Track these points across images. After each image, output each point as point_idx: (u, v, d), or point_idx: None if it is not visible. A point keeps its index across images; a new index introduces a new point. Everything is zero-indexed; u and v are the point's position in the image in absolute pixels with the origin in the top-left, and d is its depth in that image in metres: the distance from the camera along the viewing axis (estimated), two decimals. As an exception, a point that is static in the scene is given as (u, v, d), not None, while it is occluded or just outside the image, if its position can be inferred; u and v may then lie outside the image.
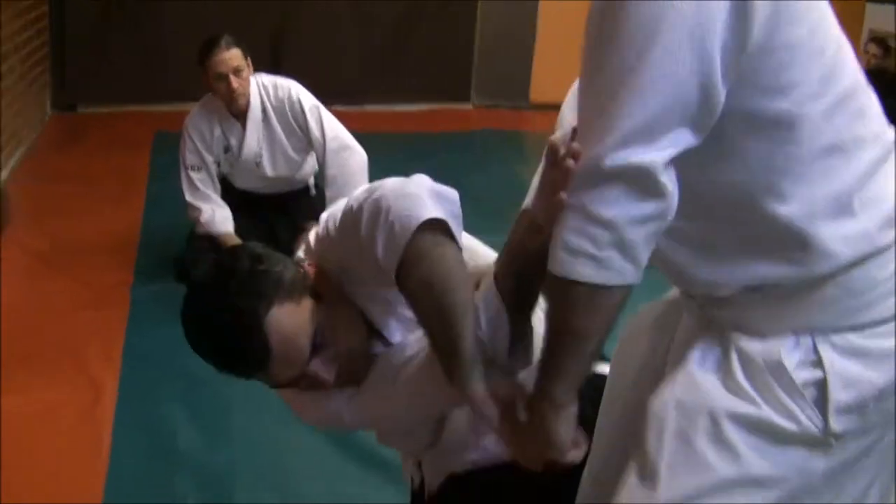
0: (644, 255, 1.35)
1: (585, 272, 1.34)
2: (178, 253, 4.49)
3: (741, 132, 1.35)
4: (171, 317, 2.06)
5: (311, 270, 1.79)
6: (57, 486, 3.00)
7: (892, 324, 1.43)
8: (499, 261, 1.69)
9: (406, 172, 1.71)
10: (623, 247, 1.32)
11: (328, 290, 1.78)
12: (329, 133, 4.29)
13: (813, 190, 1.36)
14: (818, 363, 1.42)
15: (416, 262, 1.59)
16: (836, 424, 1.42)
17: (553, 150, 1.43)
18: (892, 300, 1.42)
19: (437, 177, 1.68)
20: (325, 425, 2.09)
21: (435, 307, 1.61)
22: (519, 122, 7.42)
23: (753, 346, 1.46)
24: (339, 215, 1.73)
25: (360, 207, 1.65)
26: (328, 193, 4.30)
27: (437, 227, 1.60)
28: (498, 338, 1.63)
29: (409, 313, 1.72)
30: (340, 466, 3.15)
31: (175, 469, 3.12)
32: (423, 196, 1.61)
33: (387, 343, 1.84)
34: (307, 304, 1.73)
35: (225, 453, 3.21)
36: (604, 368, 2.07)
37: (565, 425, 1.52)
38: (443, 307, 1.59)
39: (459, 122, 7.25)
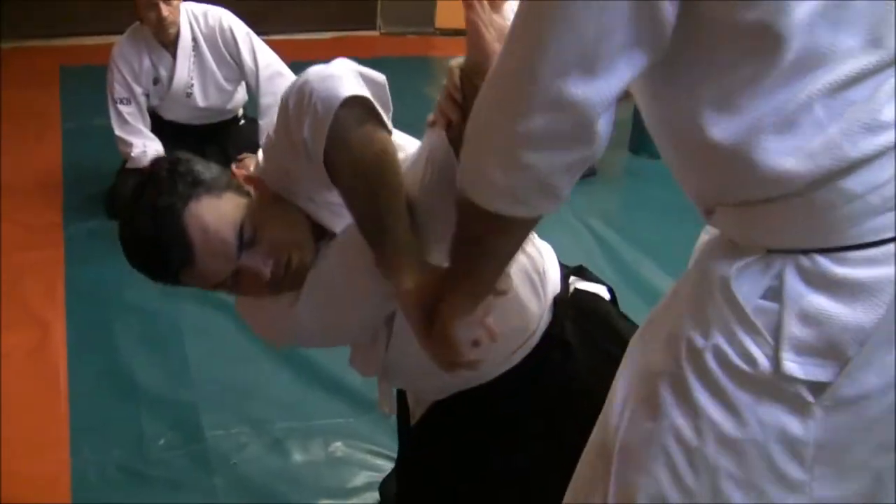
0: (565, 191, 1.27)
1: (499, 205, 1.29)
2: (106, 189, 4.36)
3: (700, 48, 1.19)
4: (110, 253, 2.03)
5: (240, 173, 1.82)
6: (21, 436, 2.92)
7: (885, 248, 1.20)
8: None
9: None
10: (542, 189, 1.26)
11: (261, 189, 1.79)
12: (262, 61, 4.21)
13: (766, 101, 1.17)
14: (779, 290, 1.24)
15: (341, 141, 1.59)
16: (791, 366, 1.23)
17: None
18: (882, 219, 1.19)
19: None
20: (282, 340, 2.05)
21: (362, 189, 1.63)
22: (426, 47, 7.36)
23: (715, 266, 1.30)
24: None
25: (287, 98, 1.64)
26: (262, 122, 4.23)
27: (361, 104, 1.59)
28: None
29: None
30: (308, 395, 3.14)
31: (140, 408, 3.07)
32: (346, 76, 1.60)
33: None
34: (231, 198, 1.75)
35: (188, 388, 3.17)
36: (587, 286, 2.08)
37: (464, 329, 1.55)
38: (370, 189, 1.61)
39: (367, 49, 7.13)
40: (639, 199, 4.99)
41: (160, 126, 4.37)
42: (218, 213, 1.72)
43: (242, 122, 4.60)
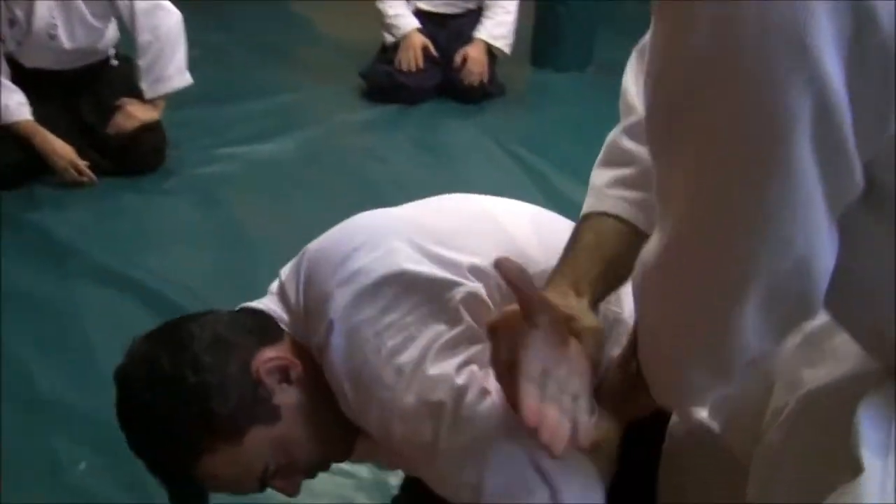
0: None
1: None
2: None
3: None
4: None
5: (266, 366, 1.51)
6: None
7: None
8: None
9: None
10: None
11: (296, 399, 1.52)
12: (136, -9, 3.68)
13: None
14: None
15: None
16: None
17: None
18: None
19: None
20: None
21: None
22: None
23: None
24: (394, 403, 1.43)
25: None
26: (141, 63, 3.79)
27: None
28: None
29: None
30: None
31: (51, 427, 2.51)
32: None
33: None
34: (256, 434, 1.47)
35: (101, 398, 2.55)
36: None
37: None
38: None
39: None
40: (553, 117, 4.83)
41: (22, 75, 3.80)
42: (236, 466, 1.47)
43: (116, 63, 4.06)
